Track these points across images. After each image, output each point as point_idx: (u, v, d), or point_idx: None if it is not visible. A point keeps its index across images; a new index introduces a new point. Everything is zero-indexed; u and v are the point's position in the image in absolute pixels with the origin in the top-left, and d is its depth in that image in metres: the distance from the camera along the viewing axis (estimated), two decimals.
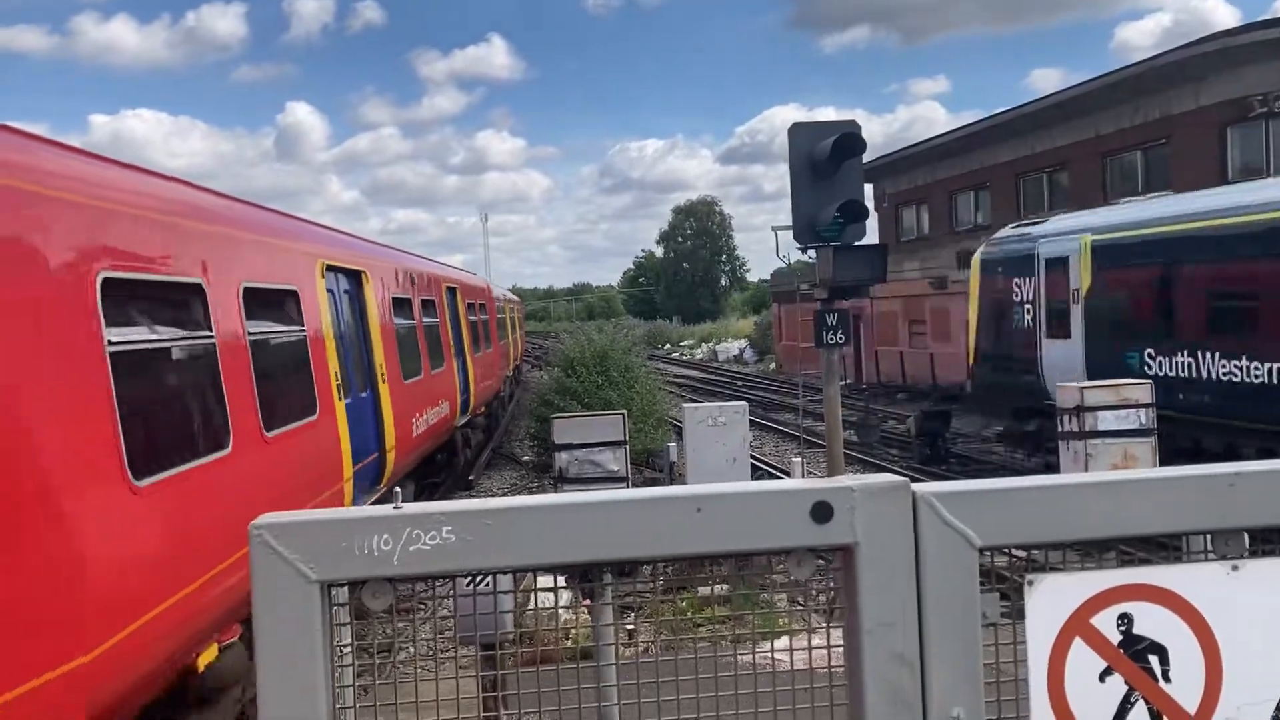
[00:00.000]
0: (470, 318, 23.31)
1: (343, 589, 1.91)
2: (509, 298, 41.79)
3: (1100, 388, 11.41)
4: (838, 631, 2.10)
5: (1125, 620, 1.98)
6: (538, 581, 2.80)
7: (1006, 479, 2.06)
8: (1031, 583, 1.98)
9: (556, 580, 2.57)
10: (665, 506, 1.90)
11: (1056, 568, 2.01)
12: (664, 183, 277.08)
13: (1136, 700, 1.98)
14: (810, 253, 12.25)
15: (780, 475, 19.39)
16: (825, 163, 11.15)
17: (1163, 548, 2.27)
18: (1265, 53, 23.02)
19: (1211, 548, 2.03)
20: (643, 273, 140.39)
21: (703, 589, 9.64)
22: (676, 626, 10.00)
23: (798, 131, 11.48)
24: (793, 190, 11.40)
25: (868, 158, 11.97)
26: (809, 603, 11.27)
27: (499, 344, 30.56)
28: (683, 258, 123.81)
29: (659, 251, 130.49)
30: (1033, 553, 2.07)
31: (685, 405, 14.36)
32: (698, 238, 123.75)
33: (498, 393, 28.08)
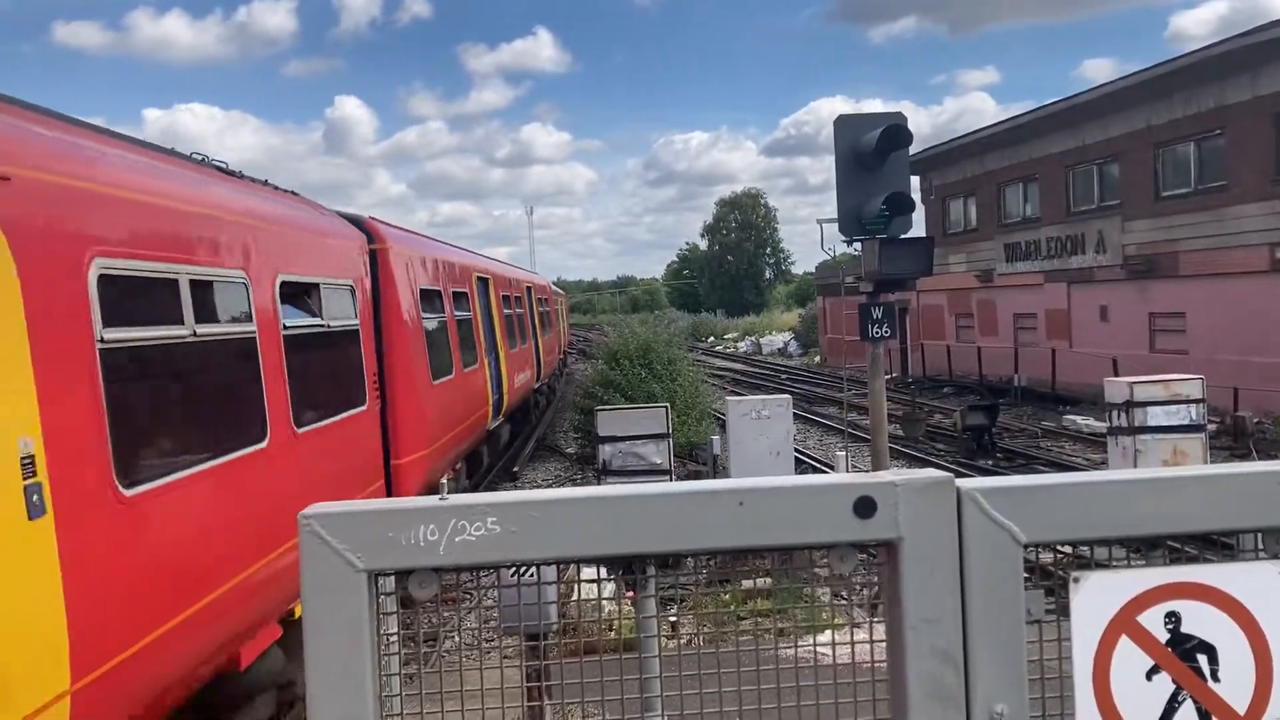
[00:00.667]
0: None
1: (388, 579, 1.94)
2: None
3: (1150, 382, 11.22)
4: (881, 626, 2.09)
5: (1173, 619, 1.95)
6: (581, 573, 2.82)
7: (1052, 474, 2.05)
8: (1077, 580, 1.97)
9: (600, 572, 2.59)
10: (708, 500, 1.90)
11: (1103, 565, 1.99)
12: (708, 175, 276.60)
13: (1184, 700, 1.96)
14: (856, 245, 12.17)
15: (824, 469, 19.32)
16: (871, 155, 11.06)
17: (1211, 545, 2.24)
18: None
19: (1262, 546, 2.01)
20: (686, 265, 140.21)
21: (747, 582, 9.64)
22: (719, 619, 10.00)
23: (844, 123, 11.40)
24: (838, 182, 11.32)
25: (915, 149, 11.86)
26: (852, 597, 11.24)
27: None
28: (727, 250, 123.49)
29: (703, 244, 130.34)
30: (1079, 549, 2.06)
31: (728, 398, 14.33)
32: (742, 230, 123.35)
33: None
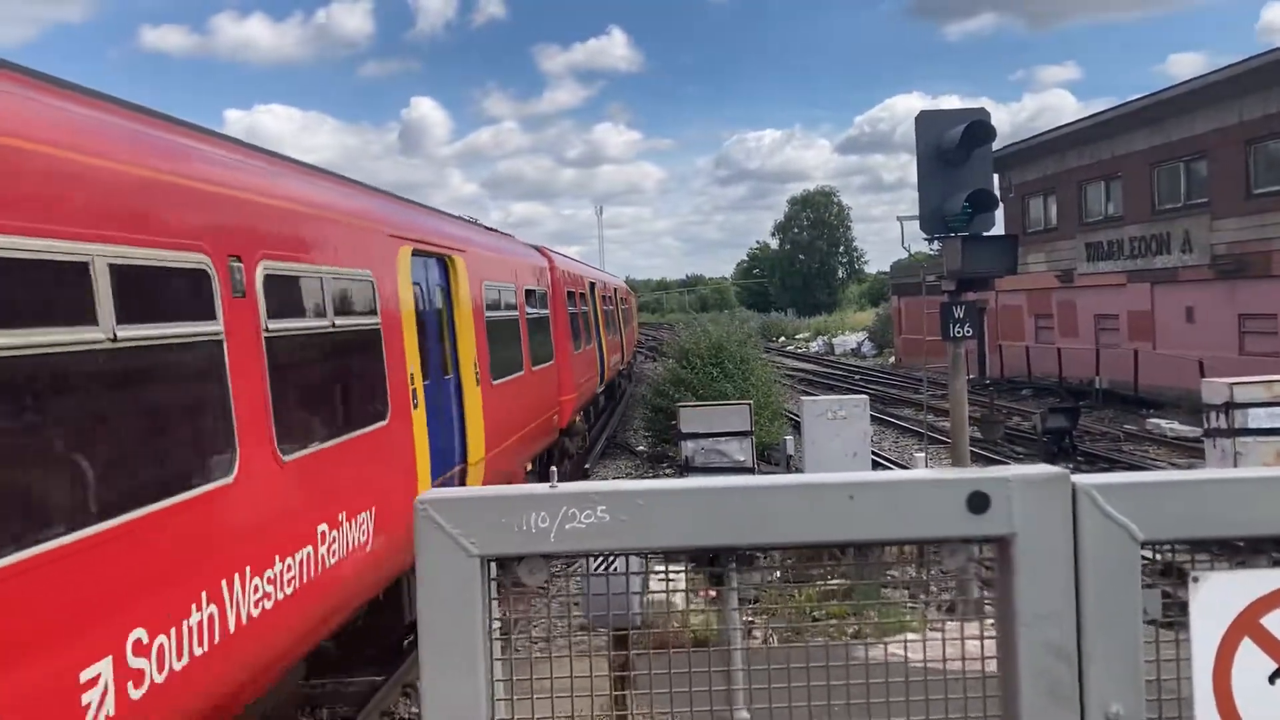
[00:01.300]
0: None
1: (501, 563, 1.97)
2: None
3: (1252, 383, 10.86)
4: (966, 626, 2.07)
5: None
6: (671, 567, 2.83)
7: (1170, 471, 2.00)
8: (1197, 579, 1.93)
9: (665, 566, 2.59)
10: (819, 494, 1.90)
11: (1224, 565, 1.95)
12: (780, 173, 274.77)
13: None
14: (935, 244, 12.01)
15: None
16: (954, 151, 10.92)
17: None
18: None
19: None
20: (757, 264, 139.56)
21: (830, 582, 9.57)
22: (797, 617, 9.96)
23: (925, 120, 11.27)
24: (919, 180, 11.19)
25: (993, 147, 11.67)
26: (930, 598, 11.08)
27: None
28: (799, 249, 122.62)
29: (774, 243, 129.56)
30: (1199, 549, 2.01)
31: (804, 398, 14.23)
32: (814, 229, 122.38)
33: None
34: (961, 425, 11.74)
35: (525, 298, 15.72)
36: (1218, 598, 1.92)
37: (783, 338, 79.65)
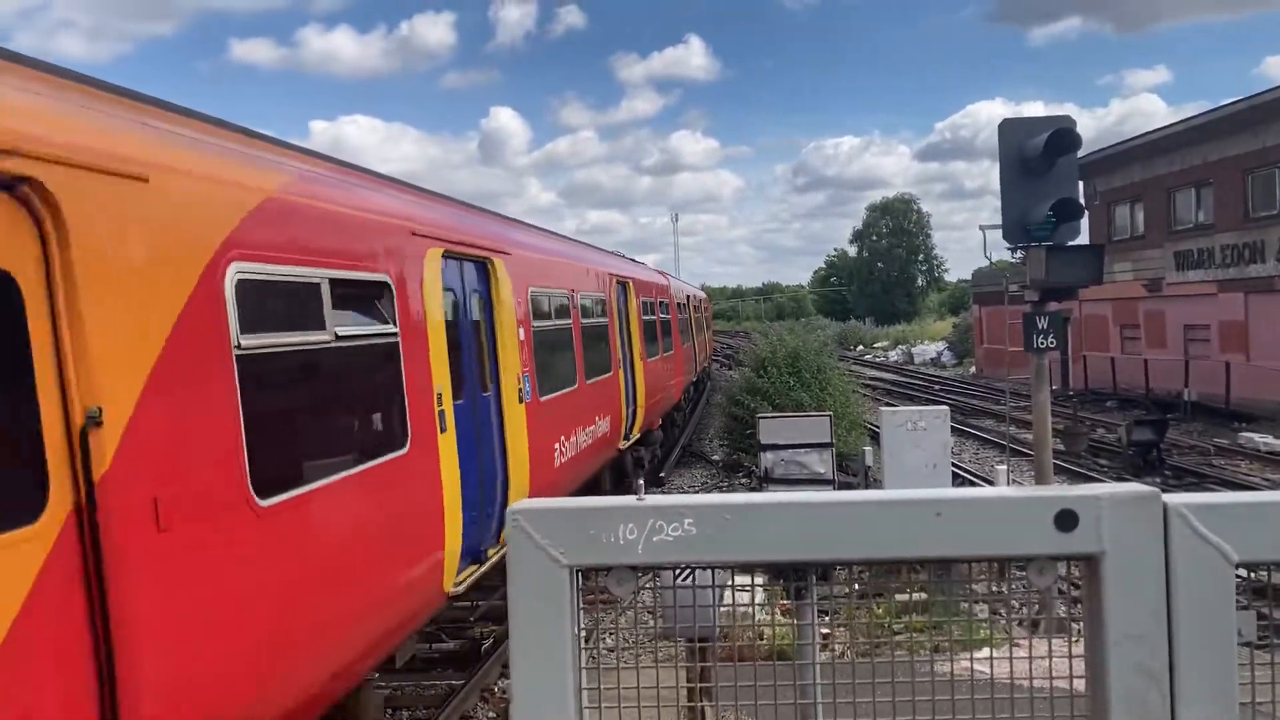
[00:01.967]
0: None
1: (589, 574, 2.01)
2: (697, 294, 41.56)
3: None
4: (1042, 643, 2.06)
5: None
6: (750, 579, 2.84)
7: (1267, 492, 1.97)
8: None
9: (753, 579, 2.61)
10: (906, 510, 1.91)
11: None
12: (859, 180, 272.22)
13: None
14: (1017, 252, 11.81)
15: (984, 484, 18.78)
16: (1038, 159, 10.72)
17: None
18: None
19: None
20: (834, 272, 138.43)
21: (908, 596, 9.48)
22: (874, 631, 9.85)
23: (1008, 127, 11.08)
24: (1002, 188, 11.00)
25: (1079, 153, 11.45)
26: (1010, 615, 10.89)
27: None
28: (877, 257, 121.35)
29: (852, 250, 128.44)
30: None
31: (882, 409, 14.10)
32: (893, 236, 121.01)
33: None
34: (1045, 438, 11.52)
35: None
36: None
37: (860, 346, 78.86)
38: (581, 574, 2.00)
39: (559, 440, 11.95)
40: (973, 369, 52.89)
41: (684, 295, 32.12)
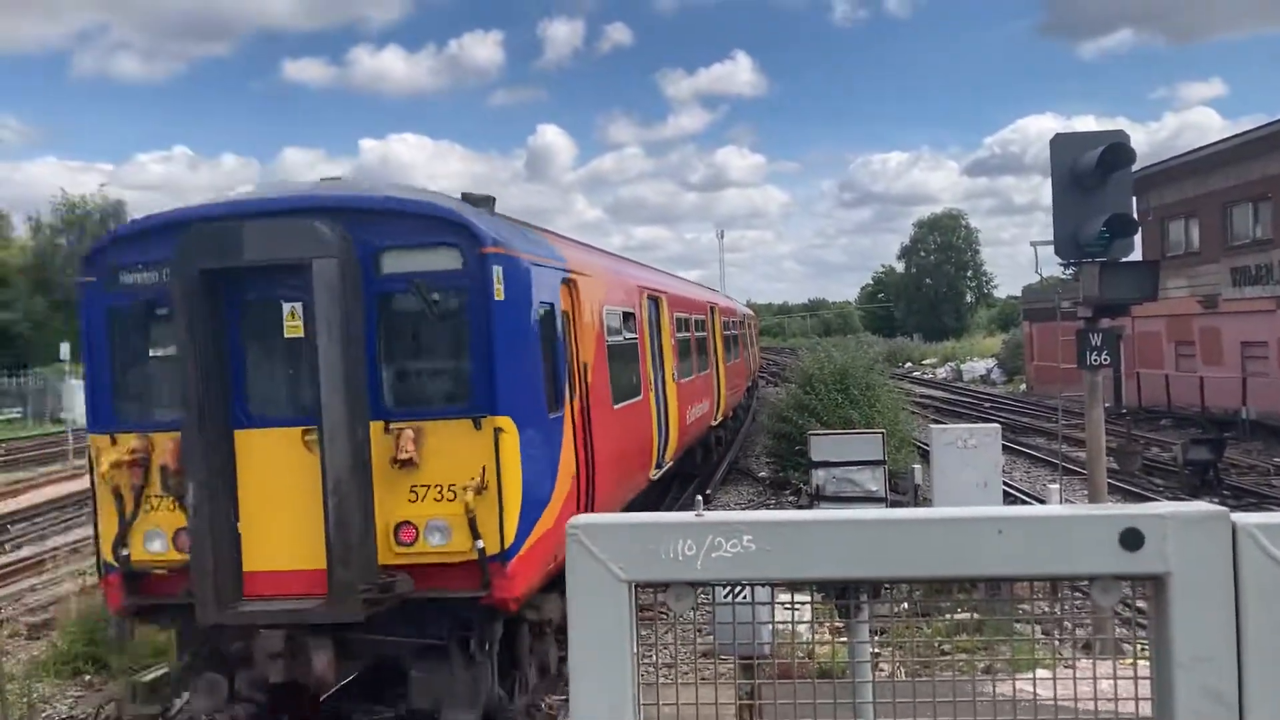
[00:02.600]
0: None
1: (648, 589, 2.02)
2: (743, 311, 41.31)
3: None
4: (1104, 664, 2.03)
5: None
6: (801, 595, 2.83)
7: None
8: None
9: (810, 595, 2.60)
10: (967, 528, 1.90)
11: None
12: (906, 196, 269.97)
13: None
14: (1069, 269, 11.68)
15: (1036, 503, 18.53)
16: (1090, 175, 10.61)
17: None
18: None
19: None
20: (882, 288, 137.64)
21: (959, 615, 9.36)
22: (925, 650, 9.74)
23: (1060, 142, 10.99)
24: (1054, 203, 10.90)
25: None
26: (1063, 634, 10.71)
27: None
28: (925, 273, 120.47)
29: (899, 266, 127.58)
30: None
31: (932, 426, 13.98)
32: (941, 252, 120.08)
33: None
34: (1099, 456, 11.35)
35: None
36: None
37: (909, 363, 78.22)
38: (639, 589, 2.01)
39: (690, 406, 19.08)
40: (1023, 386, 52.25)
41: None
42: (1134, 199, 39.80)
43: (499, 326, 8.34)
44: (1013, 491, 20.06)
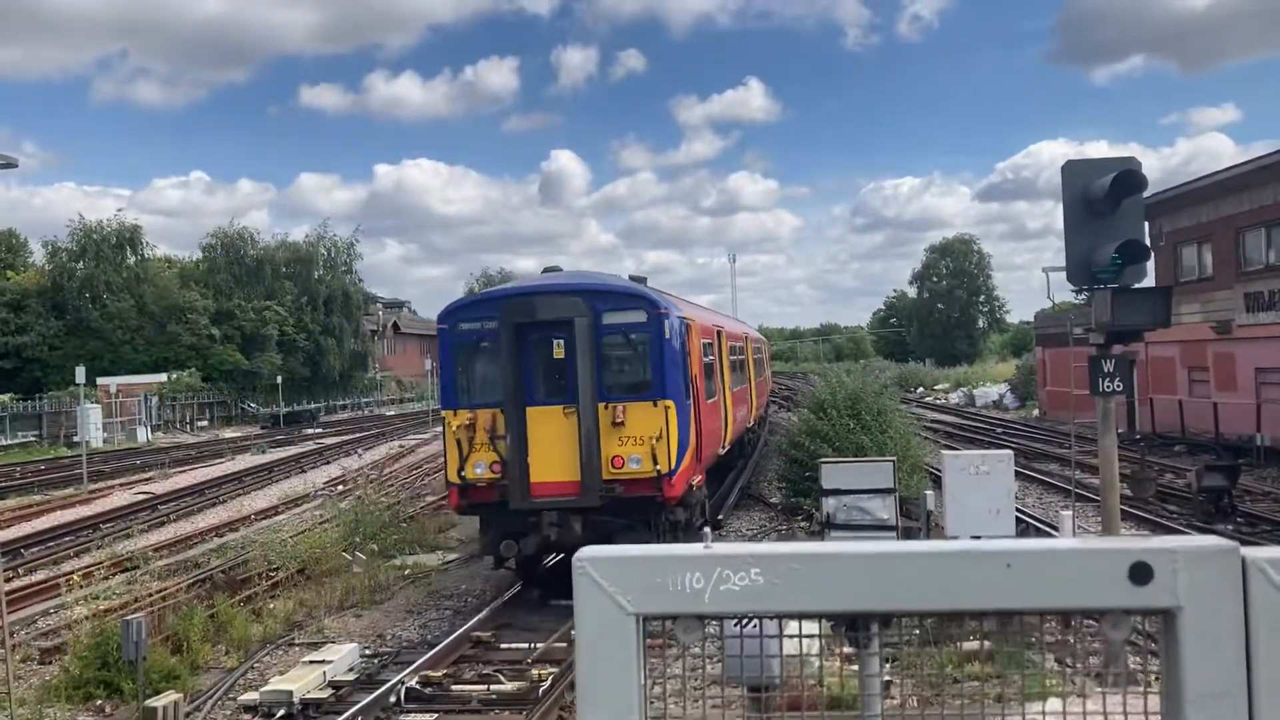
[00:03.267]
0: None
1: (656, 622, 2.01)
2: (752, 335, 41.13)
3: None
4: (1114, 696, 2.02)
5: None
6: (818, 628, 2.82)
7: None
8: None
9: (818, 627, 2.59)
10: (976, 560, 1.89)
11: None
12: (918, 221, 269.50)
13: None
14: (1081, 295, 11.67)
15: (1048, 529, 18.43)
16: (1102, 201, 10.62)
17: None
18: None
19: None
20: (894, 313, 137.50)
21: (970, 644, 9.30)
22: (936, 681, 9.68)
23: (1072, 169, 11.01)
24: (1066, 230, 10.91)
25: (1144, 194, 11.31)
26: (1077, 665, 10.64)
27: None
28: (937, 298, 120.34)
29: (911, 291, 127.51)
30: None
31: (944, 452, 13.93)
32: (954, 277, 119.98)
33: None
34: (1111, 483, 11.30)
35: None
36: None
37: (921, 388, 78.00)
38: (651, 622, 2.01)
39: (738, 409, 25.66)
40: (1036, 412, 52.05)
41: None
42: (1146, 225, 39.72)
43: (666, 353, 15.71)
44: (1025, 518, 19.94)
